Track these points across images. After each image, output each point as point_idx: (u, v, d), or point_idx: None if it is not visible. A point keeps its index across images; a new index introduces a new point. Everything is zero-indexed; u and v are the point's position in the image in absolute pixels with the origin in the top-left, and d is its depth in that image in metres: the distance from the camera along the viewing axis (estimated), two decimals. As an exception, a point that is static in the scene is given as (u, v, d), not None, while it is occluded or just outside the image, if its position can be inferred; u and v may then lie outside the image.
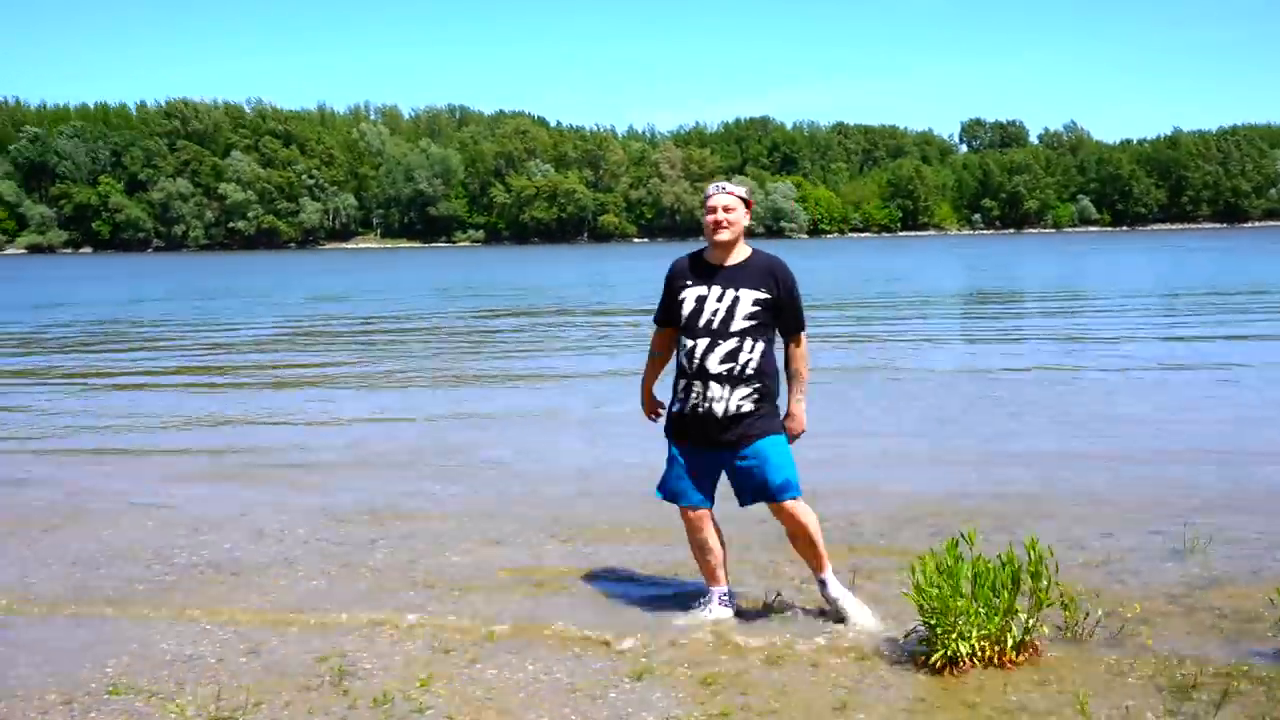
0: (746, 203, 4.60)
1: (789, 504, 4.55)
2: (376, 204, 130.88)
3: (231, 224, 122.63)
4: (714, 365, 4.46)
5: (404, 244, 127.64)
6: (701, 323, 4.49)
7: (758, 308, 4.49)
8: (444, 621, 4.82)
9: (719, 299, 4.49)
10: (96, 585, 5.49)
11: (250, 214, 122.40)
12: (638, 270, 49.99)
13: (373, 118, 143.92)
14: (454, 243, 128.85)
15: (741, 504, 4.73)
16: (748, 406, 4.50)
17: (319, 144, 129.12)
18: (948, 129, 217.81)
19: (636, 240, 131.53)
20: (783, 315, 4.60)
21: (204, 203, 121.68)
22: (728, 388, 4.47)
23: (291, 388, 13.81)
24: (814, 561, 4.72)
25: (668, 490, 4.76)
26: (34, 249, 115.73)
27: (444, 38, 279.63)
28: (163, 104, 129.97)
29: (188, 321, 25.12)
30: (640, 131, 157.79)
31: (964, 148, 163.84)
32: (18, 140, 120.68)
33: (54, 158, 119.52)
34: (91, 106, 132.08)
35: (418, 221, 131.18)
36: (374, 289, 38.88)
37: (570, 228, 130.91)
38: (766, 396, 4.56)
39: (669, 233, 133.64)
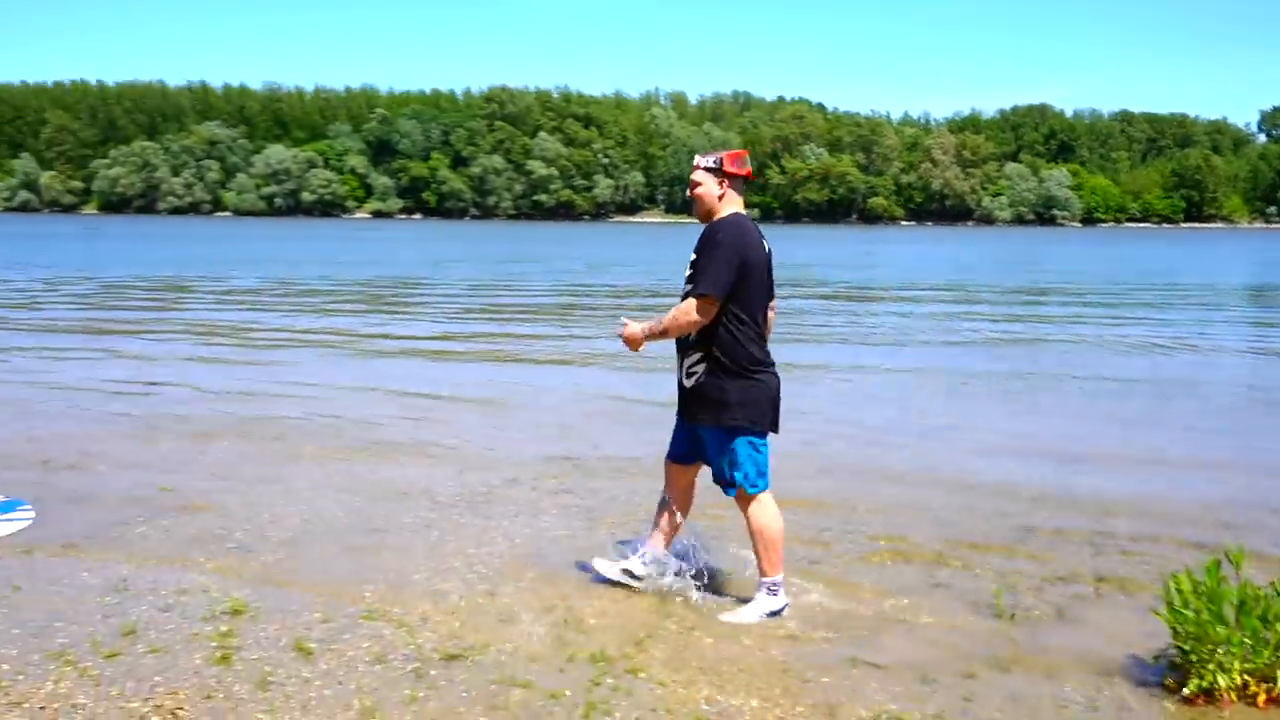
0: (720, 171, 4.20)
1: (737, 499, 4.26)
2: (662, 181, 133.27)
3: (535, 196, 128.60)
4: None
5: (684, 219, 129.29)
6: None
7: (691, 270, 4.17)
8: (669, 583, 4.61)
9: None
10: (372, 516, 5.67)
11: (552, 188, 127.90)
12: (907, 252, 48.16)
13: (663, 103, 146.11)
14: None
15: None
16: (697, 380, 4.16)
17: (615, 126, 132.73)
18: (1244, 118, 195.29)
19: (904, 223, 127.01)
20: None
21: (514, 177, 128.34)
22: (680, 355, 4.24)
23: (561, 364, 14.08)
24: (760, 562, 4.27)
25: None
26: (376, 214, 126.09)
27: (733, 27, 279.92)
28: (485, 90, 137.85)
29: (479, 282, 26.37)
30: (915, 118, 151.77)
31: (1263, 138, 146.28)
32: (370, 121, 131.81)
33: (396, 136, 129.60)
34: (427, 92, 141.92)
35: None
36: (646, 259, 39.42)
37: (840, 209, 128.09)
38: (715, 371, 4.12)
39: (937, 216, 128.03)
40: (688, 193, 4.27)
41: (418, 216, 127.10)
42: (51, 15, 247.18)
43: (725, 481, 4.23)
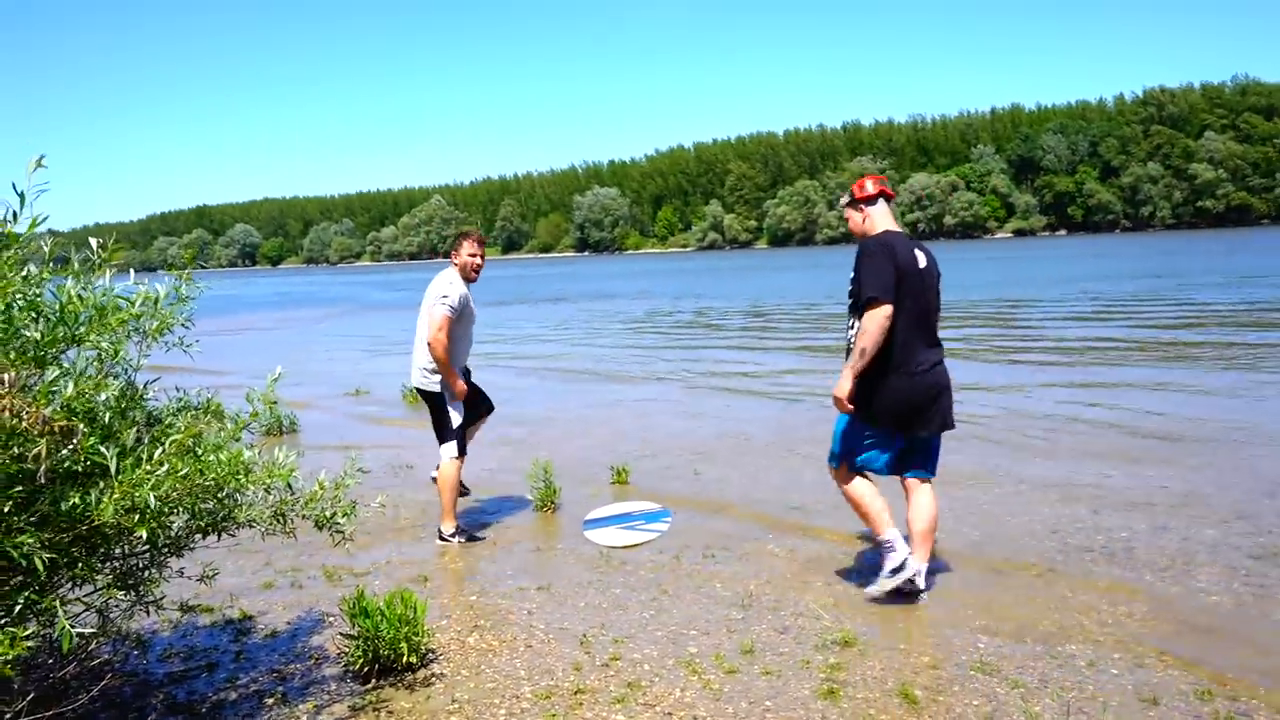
0: (855, 202, 4.65)
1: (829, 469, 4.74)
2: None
3: (1200, 203, 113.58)
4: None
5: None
6: None
7: (851, 287, 4.49)
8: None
9: None
10: (994, 555, 5.21)
11: (1220, 192, 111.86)
12: None
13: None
14: None
15: None
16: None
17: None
18: None
19: None
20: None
21: (1172, 184, 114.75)
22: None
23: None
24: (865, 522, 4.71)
25: None
26: (1018, 232, 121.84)
27: None
28: (1139, 94, 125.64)
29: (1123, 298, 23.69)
30: None
31: None
32: (1013, 140, 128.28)
33: (1040, 152, 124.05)
34: (1073, 104, 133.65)
35: None
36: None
37: None
38: (860, 373, 4.41)
39: None
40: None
41: (1062, 233, 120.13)
42: (727, 80, 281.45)
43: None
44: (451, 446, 5.86)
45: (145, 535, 2.78)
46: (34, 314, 2.89)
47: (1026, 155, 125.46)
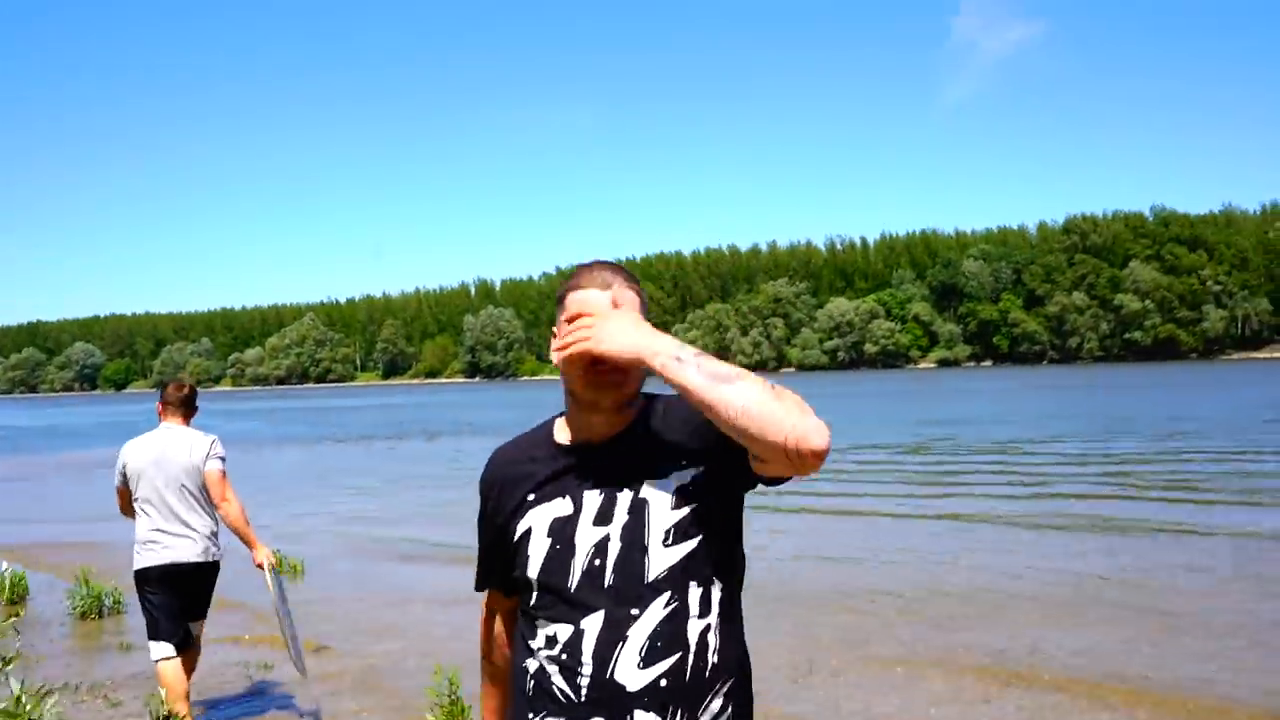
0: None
1: None
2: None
3: (1127, 335, 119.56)
4: (630, 673, 1.79)
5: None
6: (581, 578, 1.86)
7: (695, 504, 1.87)
8: None
9: (608, 515, 1.89)
10: None
11: (1147, 324, 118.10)
12: None
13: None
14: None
15: None
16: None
17: (1227, 248, 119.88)
18: None
19: None
20: (732, 474, 1.90)
21: (1099, 314, 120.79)
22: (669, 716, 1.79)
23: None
24: None
25: None
26: (942, 363, 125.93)
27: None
28: (1061, 221, 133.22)
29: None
30: None
31: None
32: (933, 266, 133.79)
33: (963, 279, 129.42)
34: (995, 230, 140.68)
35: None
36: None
37: None
38: (745, 685, 1.92)
39: None
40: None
41: (987, 363, 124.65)
42: (627, 195, 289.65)
43: None
44: (167, 646, 5.19)
45: None
46: None
47: (949, 281, 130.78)
